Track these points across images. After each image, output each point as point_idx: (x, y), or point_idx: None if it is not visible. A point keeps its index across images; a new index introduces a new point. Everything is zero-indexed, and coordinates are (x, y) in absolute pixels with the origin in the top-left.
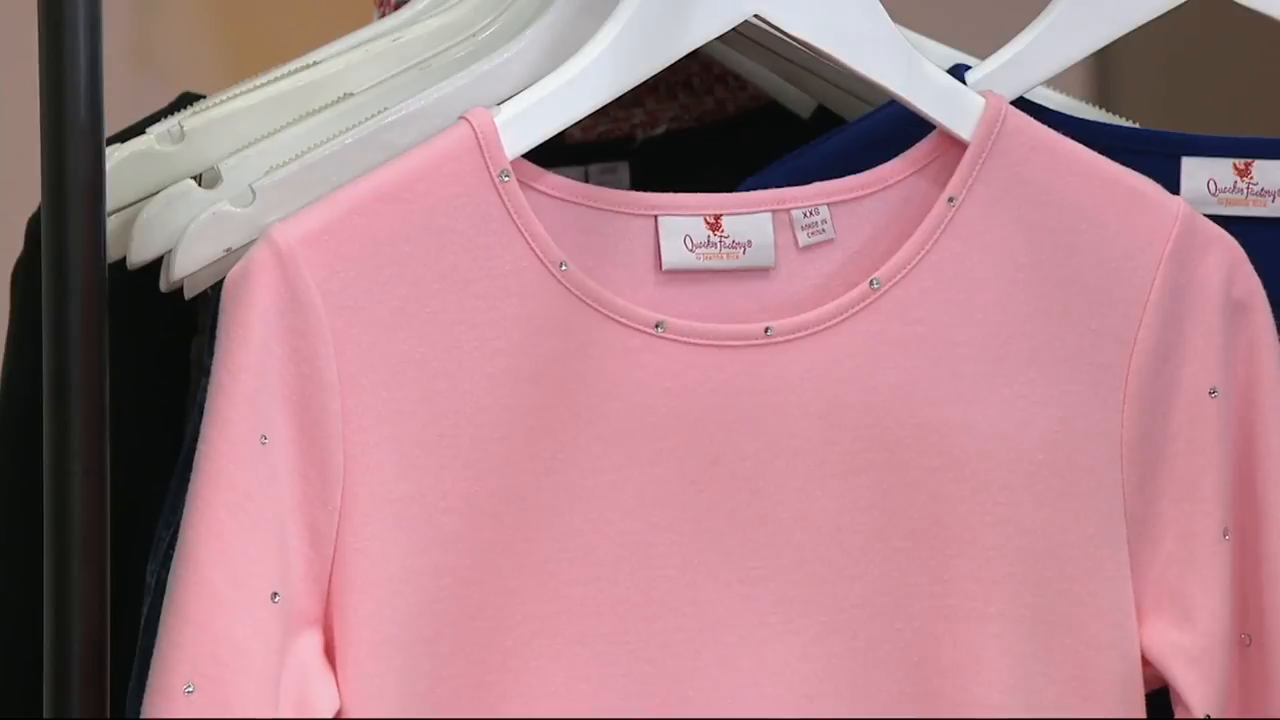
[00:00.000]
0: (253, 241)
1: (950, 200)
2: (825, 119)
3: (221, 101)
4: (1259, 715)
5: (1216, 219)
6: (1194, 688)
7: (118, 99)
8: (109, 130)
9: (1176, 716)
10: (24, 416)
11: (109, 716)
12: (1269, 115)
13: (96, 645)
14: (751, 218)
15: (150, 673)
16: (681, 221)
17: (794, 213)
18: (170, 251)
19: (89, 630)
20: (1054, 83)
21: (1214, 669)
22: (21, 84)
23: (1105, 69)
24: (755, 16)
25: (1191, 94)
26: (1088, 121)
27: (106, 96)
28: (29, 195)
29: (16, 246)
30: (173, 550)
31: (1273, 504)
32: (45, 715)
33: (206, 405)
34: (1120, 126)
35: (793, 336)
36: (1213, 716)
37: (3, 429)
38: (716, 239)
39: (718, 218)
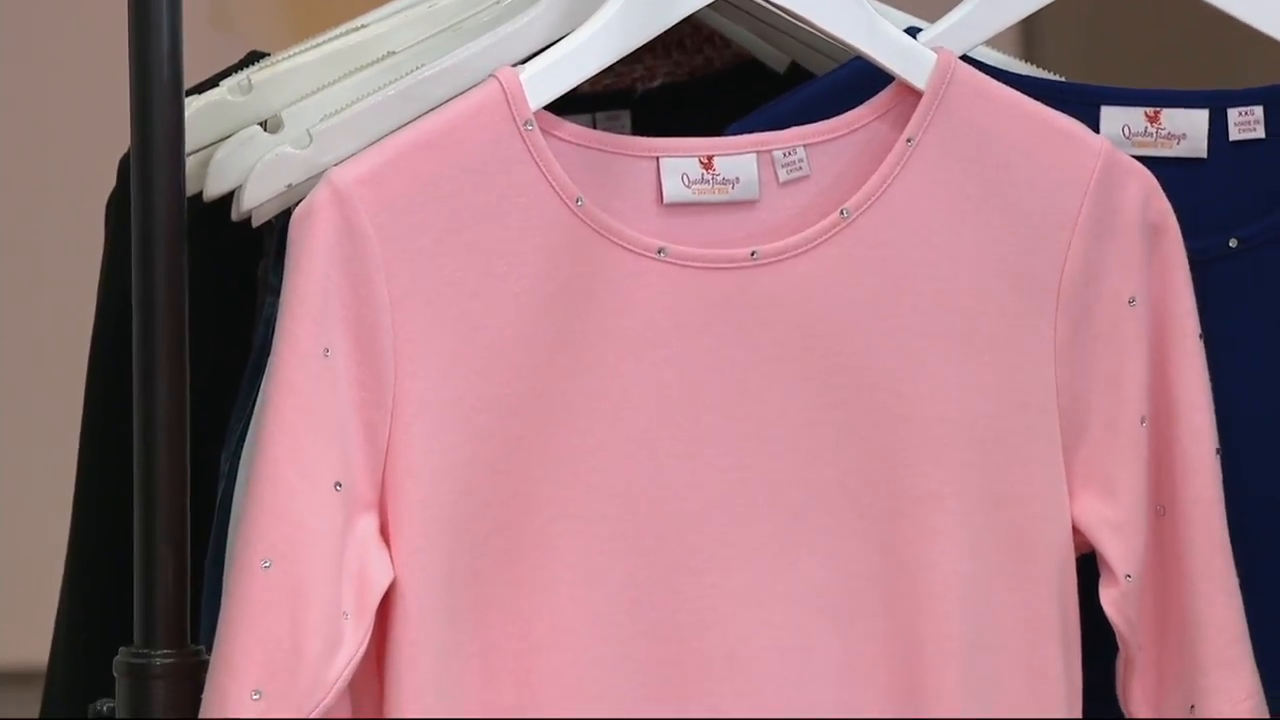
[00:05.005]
0: (311, 178)
1: (909, 141)
2: (798, 74)
3: (283, 59)
4: (1172, 573)
5: None
6: (1116, 552)
7: (197, 58)
8: (189, 84)
9: (1101, 575)
10: (117, 327)
11: (189, 581)
12: (1174, 70)
13: (178, 520)
14: (739, 158)
15: (230, 551)
16: (679, 162)
17: (775, 153)
18: (240, 187)
19: (172, 508)
20: (990, 43)
21: (1133, 535)
22: (113, 46)
23: (1030, 31)
24: None
25: (1106, 53)
26: (1022, 76)
27: (187, 56)
28: (120, 139)
29: (110, 183)
30: (243, 441)
31: (1182, 396)
32: (136, 576)
33: (277, 324)
34: (1050, 80)
35: (775, 259)
36: (1131, 574)
37: (100, 339)
38: (709, 176)
39: (710, 158)
